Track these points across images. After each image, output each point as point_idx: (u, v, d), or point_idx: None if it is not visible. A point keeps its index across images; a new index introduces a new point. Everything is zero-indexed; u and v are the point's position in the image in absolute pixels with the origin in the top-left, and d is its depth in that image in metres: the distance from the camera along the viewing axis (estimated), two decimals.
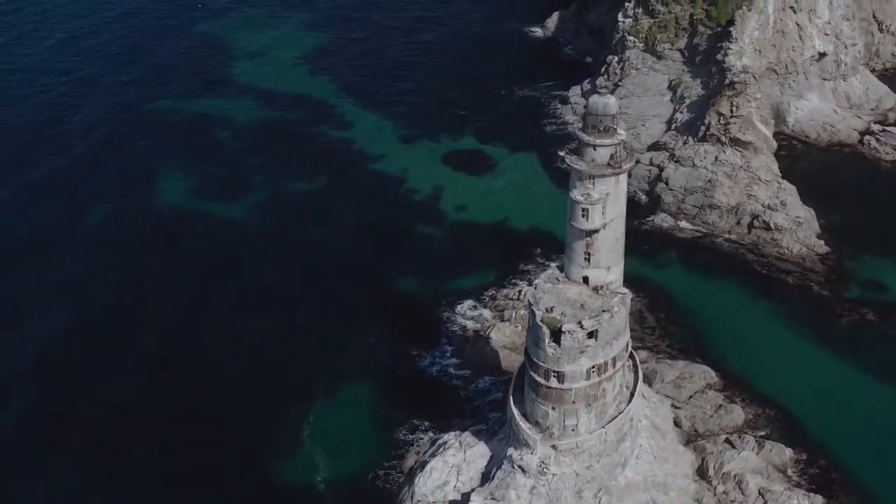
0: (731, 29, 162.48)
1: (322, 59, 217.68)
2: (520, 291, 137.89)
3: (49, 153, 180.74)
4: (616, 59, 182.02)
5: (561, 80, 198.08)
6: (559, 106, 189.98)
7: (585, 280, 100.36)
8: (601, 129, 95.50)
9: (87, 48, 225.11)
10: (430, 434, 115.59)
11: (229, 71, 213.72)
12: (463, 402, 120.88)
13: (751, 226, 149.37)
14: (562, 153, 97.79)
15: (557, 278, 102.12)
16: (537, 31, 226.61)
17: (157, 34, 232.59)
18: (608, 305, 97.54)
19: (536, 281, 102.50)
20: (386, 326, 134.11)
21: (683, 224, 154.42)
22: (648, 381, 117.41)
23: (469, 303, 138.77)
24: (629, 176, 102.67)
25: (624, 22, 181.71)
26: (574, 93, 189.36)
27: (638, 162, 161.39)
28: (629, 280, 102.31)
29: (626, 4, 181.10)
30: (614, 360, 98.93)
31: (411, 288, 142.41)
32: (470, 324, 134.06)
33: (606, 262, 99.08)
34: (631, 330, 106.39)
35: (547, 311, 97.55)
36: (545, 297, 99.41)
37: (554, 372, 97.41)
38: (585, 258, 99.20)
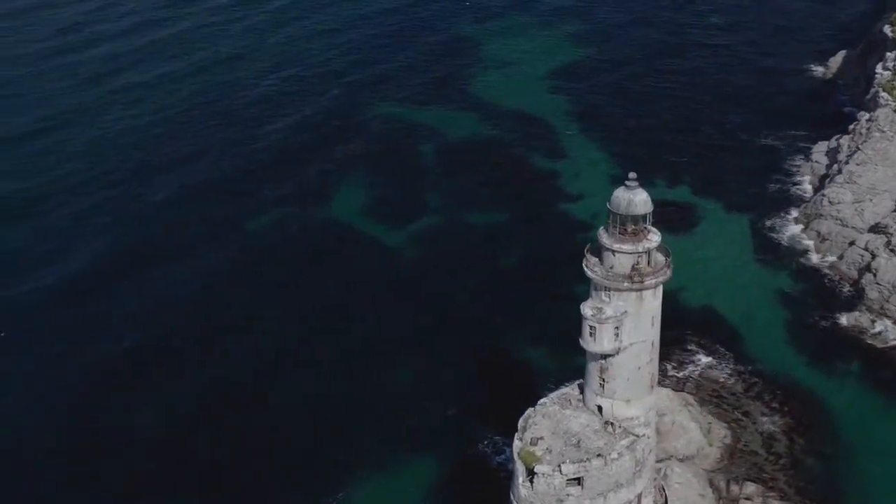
0: None
1: (569, 79, 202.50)
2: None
3: (238, 148, 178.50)
4: (866, 116, 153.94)
5: (815, 132, 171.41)
6: (799, 162, 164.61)
7: (601, 409, 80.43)
8: (628, 230, 75.11)
9: (340, 42, 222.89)
10: None
11: (467, 80, 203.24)
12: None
13: None
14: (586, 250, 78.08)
15: (570, 401, 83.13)
16: (817, 71, 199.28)
17: (413, 32, 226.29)
18: (608, 449, 77.78)
19: (542, 400, 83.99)
20: (475, 396, 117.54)
21: (882, 327, 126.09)
22: None
23: None
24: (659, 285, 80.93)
25: (881, 74, 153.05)
26: (818, 149, 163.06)
27: (852, 244, 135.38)
28: (783, 384, 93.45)
29: (888, 54, 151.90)
30: None
31: (534, 358, 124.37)
32: None
33: (625, 393, 79.41)
34: (751, 453, 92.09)
35: (532, 442, 78.96)
36: (541, 423, 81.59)
37: None
38: (600, 384, 79.71)
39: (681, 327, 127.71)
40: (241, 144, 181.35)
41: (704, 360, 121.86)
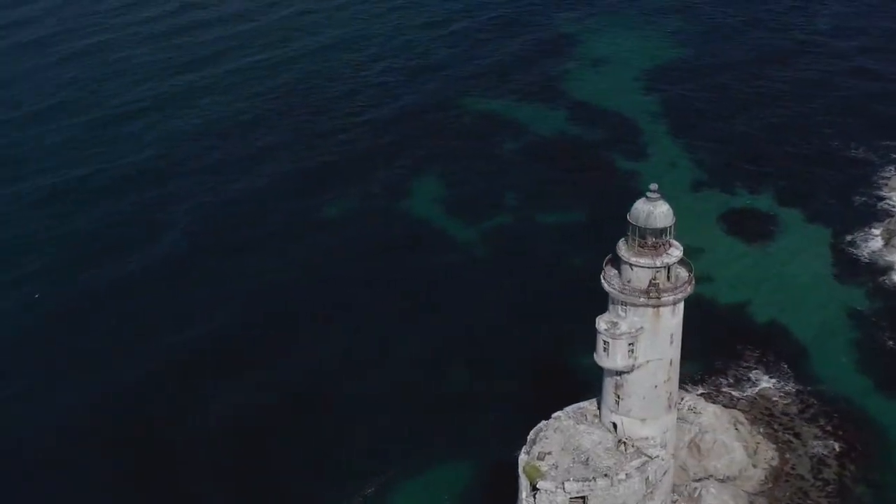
0: None
1: (665, 80, 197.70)
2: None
3: (328, 138, 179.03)
4: None
5: None
6: (890, 173, 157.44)
7: (616, 427, 78.30)
8: (648, 243, 72.77)
9: (442, 34, 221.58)
10: None
11: (562, 77, 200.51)
12: None
13: None
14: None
15: (586, 416, 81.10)
16: None
17: (514, 27, 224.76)
18: (617, 469, 75.42)
19: (557, 413, 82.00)
20: (528, 400, 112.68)
21: None
22: None
23: None
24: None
25: None
26: None
27: None
28: (841, 408, 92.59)
29: None
30: None
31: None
32: None
33: (640, 412, 77.07)
34: (797, 477, 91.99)
35: (539, 456, 77.21)
36: (552, 437, 79.80)
37: None
38: (615, 401, 77.51)
39: (744, 342, 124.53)
40: (330, 135, 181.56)
41: (763, 377, 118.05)
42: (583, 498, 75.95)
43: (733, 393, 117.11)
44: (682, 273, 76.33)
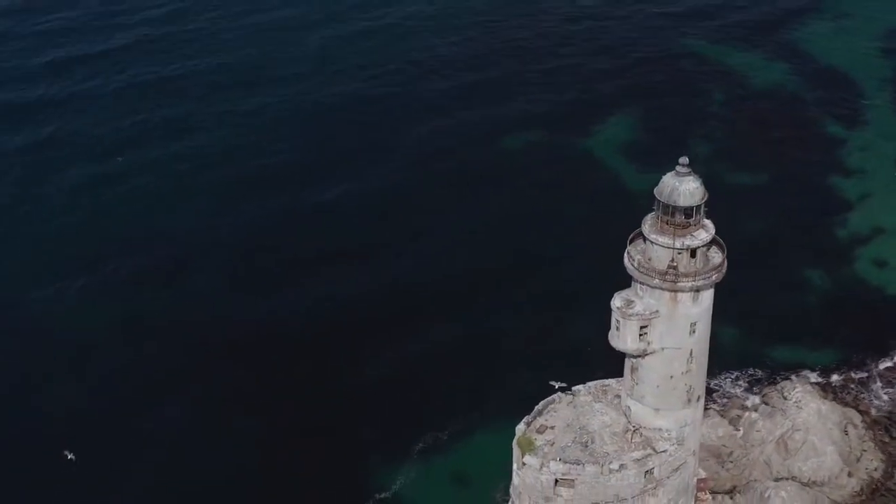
0: None
1: None
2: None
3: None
4: None
5: None
6: None
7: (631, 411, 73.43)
8: (676, 221, 66.84)
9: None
10: None
11: (794, 27, 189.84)
12: None
13: None
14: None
15: (607, 393, 76.14)
16: None
17: None
18: (614, 457, 70.55)
19: (578, 387, 77.23)
20: None
21: None
22: None
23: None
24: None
25: None
26: None
27: None
28: None
29: None
30: None
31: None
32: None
33: (654, 401, 71.54)
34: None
35: (539, 429, 73.29)
36: (561, 412, 75.23)
37: None
38: (631, 384, 72.40)
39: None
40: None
41: None
42: (571, 482, 70.91)
43: (862, 392, 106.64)
44: (716, 259, 68.95)
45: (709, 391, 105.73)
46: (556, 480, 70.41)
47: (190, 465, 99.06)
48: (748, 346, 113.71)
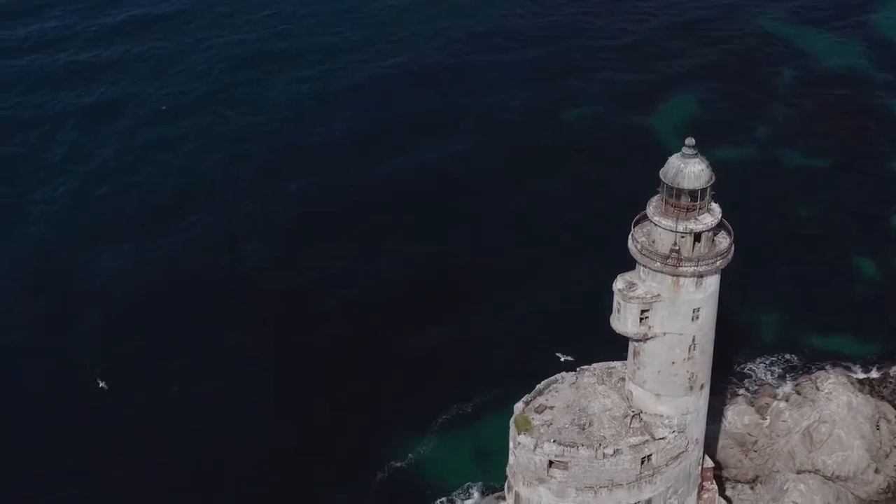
0: None
1: None
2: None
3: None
4: None
5: None
6: None
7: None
8: (681, 204, 65.67)
9: None
10: None
11: (873, 6, 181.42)
12: None
13: None
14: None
15: (612, 376, 75.30)
16: None
17: None
18: (608, 442, 69.85)
19: (583, 367, 76.35)
20: None
21: None
22: None
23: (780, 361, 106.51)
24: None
25: None
26: None
27: None
28: None
29: None
30: None
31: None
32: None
33: (654, 386, 70.63)
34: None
35: (537, 409, 72.79)
36: (562, 392, 74.60)
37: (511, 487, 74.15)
38: (633, 368, 71.54)
39: None
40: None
41: None
42: (565, 464, 70.16)
43: None
44: (723, 244, 67.37)
45: (741, 375, 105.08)
46: (550, 462, 69.41)
47: (214, 412, 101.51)
48: (788, 331, 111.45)
